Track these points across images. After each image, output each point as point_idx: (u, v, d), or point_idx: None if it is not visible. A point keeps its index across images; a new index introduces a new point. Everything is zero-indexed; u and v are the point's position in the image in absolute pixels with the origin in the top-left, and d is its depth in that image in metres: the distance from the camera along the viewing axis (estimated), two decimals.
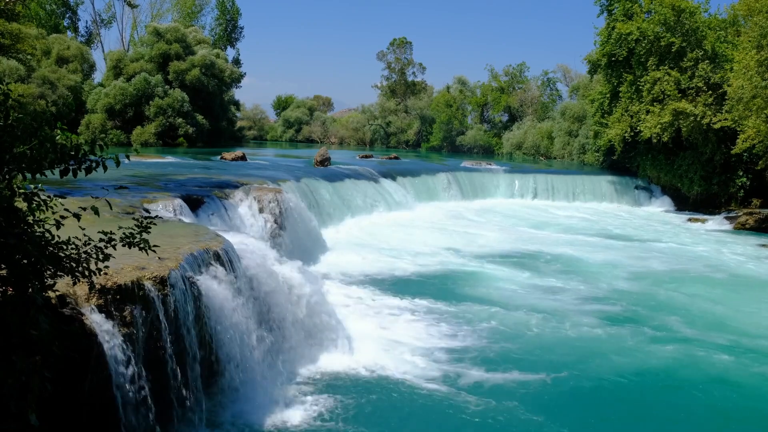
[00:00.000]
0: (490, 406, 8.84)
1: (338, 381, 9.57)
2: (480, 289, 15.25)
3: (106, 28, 69.39)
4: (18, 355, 4.30)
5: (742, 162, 30.90)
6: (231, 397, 8.36)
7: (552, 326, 12.57)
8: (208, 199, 15.55)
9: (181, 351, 7.60)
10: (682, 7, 31.35)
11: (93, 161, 4.72)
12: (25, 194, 4.57)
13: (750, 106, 26.80)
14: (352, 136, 77.12)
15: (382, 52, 77.82)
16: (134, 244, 5.27)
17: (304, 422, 8.22)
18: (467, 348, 11.10)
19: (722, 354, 11.33)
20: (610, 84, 35.36)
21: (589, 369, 10.47)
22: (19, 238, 4.43)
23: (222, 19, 70.29)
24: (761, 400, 9.80)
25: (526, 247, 20.88)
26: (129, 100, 47.11)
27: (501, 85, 68.91)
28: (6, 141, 4.41)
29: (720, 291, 16.21)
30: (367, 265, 17.03)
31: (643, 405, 9.43)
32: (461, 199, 32.07)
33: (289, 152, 51.77)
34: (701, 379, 10.30)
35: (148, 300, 7.11)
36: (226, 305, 8.43)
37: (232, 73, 55.40)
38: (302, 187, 21.79)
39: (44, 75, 45.24)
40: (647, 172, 35.21)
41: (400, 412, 8.74)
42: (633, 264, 18.94)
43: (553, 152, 54.78)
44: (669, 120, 30.81)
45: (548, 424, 8.52)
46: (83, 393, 6.21)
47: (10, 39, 27.87)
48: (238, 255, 9.70)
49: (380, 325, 12.08)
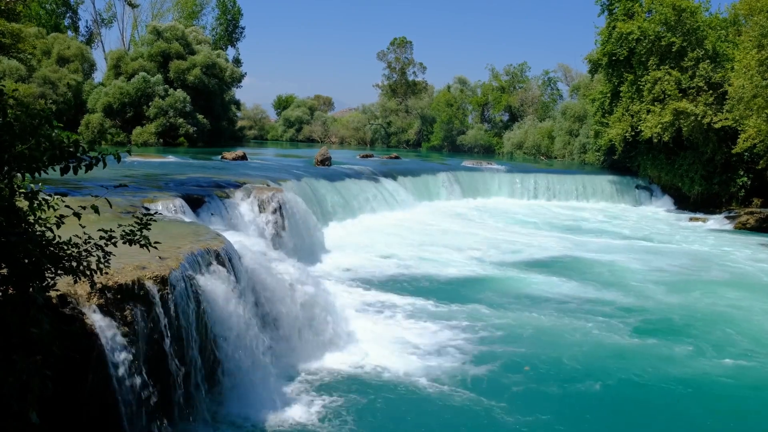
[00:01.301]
0: (491, 407, 8.82)
1: (339, 380, 9.55)
2: (482, 289, 15.21)
3: (106, 28, 69.40)
4: (18, 354, 4.30)
5: (743, 162, 30.86)
6: (232, 396, 8.35)
7: (559, 327, 12.50)
8: (209, 199, 15.55)
9: (181, 350, 7.59)
10: (682, 7, 31.32)
11: (93, 158, 4.71)
12: (26, 193, 4.56)
13: (751, 106, 26.78)
14: (352, 135, 77.15)
15: (382, 52, 77.94)
16: (135, 242, 5.27)
17: (304, 421, 8.21)
18: (469, 348, 11.07)
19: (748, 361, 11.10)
20: (611, 83, 35.35)
21: (603, 373, 10.26)
22: (20, 237, 4.42)
23: (223, 19, 70.31)
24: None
25: (527, 247, 20.85)
26: (129, 99, 47.12)
27: (502, 84, 68.91)
28: (5, 140, 4.40)
29: (732, 292, 16.00)
30: (367, 265, 17.02)
31: (667, 410, 9.28)
32: (462, 198, 32.08)
33: (290, 152, 51.78)
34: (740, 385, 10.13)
35: (148, 299, 7.10)
36: (226, 305, 8.42)
37: (232, 73, 55.43)
38: (303, 186, 21.79)
39: (45, 75, 45.28)
40: (648, 171, 35.19)
41: (401, 412, 8.73)
42: (643, 265, 18.80)
43: (553, 152, 54.77)
44: (670, 120, 30.79)
45: (548, 423, 8.52)
46: (84, 392, 6.21)
47: (10, 38, 27.87)
48: (238, 254, 9.70)
49: (381, 324, 12.08)
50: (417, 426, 8.45)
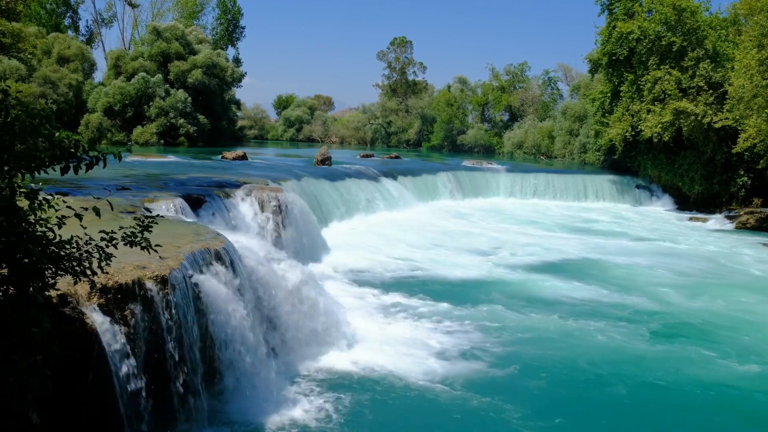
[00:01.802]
0: (503, 410, 8.78)
1: (339, 380, 9.54)
2: (487, 290, 15.09)
3: (107, 28, 69.30)
4: (19, 354, 4.30)
5: (743, 161, 30.87)
6: (232, 396, 8.34)
7: (564, 327, 12.45)
8: (209, 199, 15.54)
9: (182, 350, 7.59)
10: (683, 6, 31.33)
11: (93, 158, 4.71)
12: (26, 193, 4.55)
13: (751, 106, 26.78)
14: (352, 135, 77.17)
15: (382, 52, 77.95)
16: (136, 243, 5.27)
17: (305, 420, 8.20)
18: (471, 348, 11.03)
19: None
20: (611, 83, 35.35)
21: (622, 377, 10.10)
22: (20, 237, 4.42)
23: (223, 19, 70.27)
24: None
25: (535, 247, 20.78)
26: (129, 100, 47.13)
27: (502, 84, 68.92)
28: (5, 139, 4.40)
29: (748, 295, 15.85)
30: (368, 265, 16.99)
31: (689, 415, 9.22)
32: (462, 198, 32.09)
33: (290, 152, 51.78)
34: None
35: (149, 299, 7.10)
36: (226, 304, 8.41)
37: (233, 73, 55.42)
38: (303, 186, 21.79)
39: (45, 74, 45.29)
40: (648, 171, 35.19)
41: (401, 411, 8.71)
42: (655, 266, 18.71)
43: (553, 152, 54.78)
44: (670, 119, 30.80)
45: (548, 424, 8.52)
46: (84, 392, 6.21)
47: (11, 38, 27.85)
48: (239, 254, 9.69)
49: (382, 324, 12.04)
50: (418, 425, 8.43)
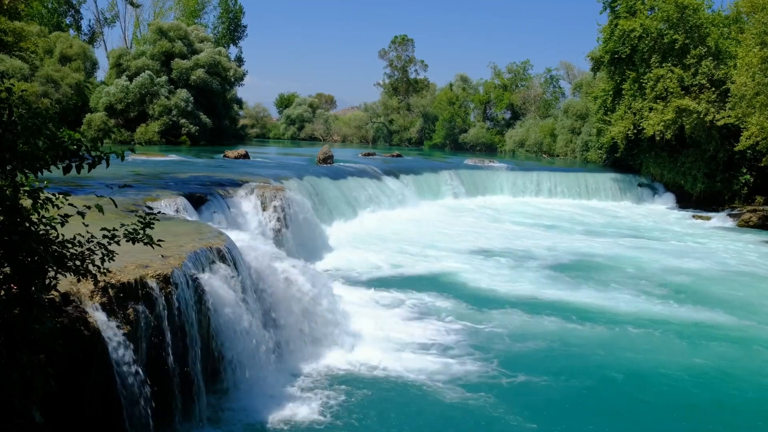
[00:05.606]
0: (492, 407, 8.81)
1: (341, 378, 9.54)
2: (486, 288, 15.06)
3: (109, 27, 69.26)
4: (22, 352, 4.31)
5: (746, 159, 30.81)
6: (234, 395, 8.36)
7: (567, 328, 12.41)
8: (212, 197, 15.56)
9: (184, 348, 7.61)
10: (685, 4, 31.27)
11: (95, 157, 4.71)
12: (29, 191, 4.56)
13: (753, 103, 26.69)
14: (354, 134, 77.20)
15: (383, 50, 77.97)
16: (138, 240, 5.28)
17: (306, 420, 8.21)
18: (473, 348, 11.01)
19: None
20: (613, 81, 35.30)
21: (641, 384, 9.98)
22: (23, 235, 4.42)
23: (225, 17, 70.23)
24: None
25: (532, 245, 20.79)
26: (132, 99, 47.18)
27: (504, 82, 68.86)
28: (8, 138, 4.41)
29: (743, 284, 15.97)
30: (369, 263, 16.99)
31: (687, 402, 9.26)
32: (464, 196, 32.06)
33: (292, 150, 51.80)
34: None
35: (151, 298, 7.11)
36: (228, 303, 8.42)
37: (235, 72, 55.43)
38: (305, 184, 21.79)
39: (47, 73, 45.30)
40: (650, 169, 35.15)
41: (403, 410, 8.71)
42: (656, 262, 18.70)
43: (555, 150, 54.74)
44: (672, 117, 30.75)
45: (548, 424, 8.52)
46: (86, 390, 6.22)
47: (13, 37, 27.91)
48: (241, 253, 9.70)
49: (383, 323, 12.02)
50: (419, 425, 8.42)
